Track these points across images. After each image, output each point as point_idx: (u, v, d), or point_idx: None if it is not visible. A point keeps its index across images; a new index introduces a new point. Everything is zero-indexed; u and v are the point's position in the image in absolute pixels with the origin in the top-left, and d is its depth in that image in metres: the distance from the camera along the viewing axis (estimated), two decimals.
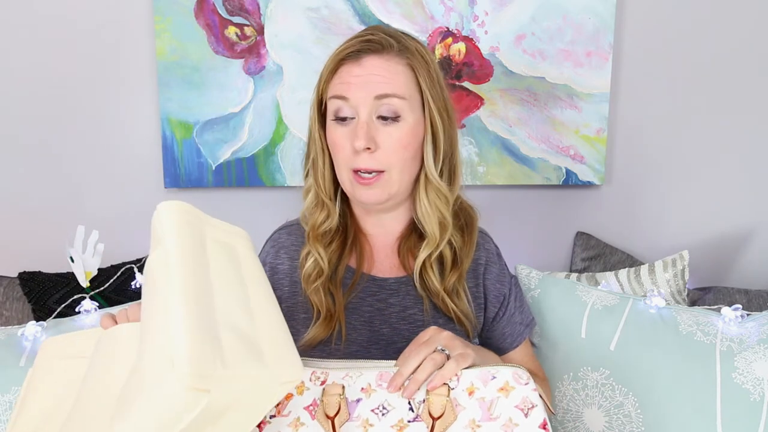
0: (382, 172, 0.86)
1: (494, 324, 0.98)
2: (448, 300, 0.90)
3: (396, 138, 0.85)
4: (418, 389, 0.72)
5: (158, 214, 0.69)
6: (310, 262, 0.92)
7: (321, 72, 0.90)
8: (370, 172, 0.86)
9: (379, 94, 0.84)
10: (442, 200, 0.90)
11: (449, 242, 0.92)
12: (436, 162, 0.89)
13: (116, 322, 0.78)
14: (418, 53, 0.88)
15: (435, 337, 0.75)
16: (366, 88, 0.84)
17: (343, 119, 0.86)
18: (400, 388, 0.72)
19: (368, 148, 0.84)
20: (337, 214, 0.94)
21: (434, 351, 0.73)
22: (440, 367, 0.72)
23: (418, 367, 0.72)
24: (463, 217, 0.96)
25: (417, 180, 0.91)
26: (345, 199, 0.97)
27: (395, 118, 0.85)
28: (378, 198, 0.88)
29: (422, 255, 0.90)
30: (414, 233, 0.95)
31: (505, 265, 1.01)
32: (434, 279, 0.90)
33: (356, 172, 0.87)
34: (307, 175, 0.95)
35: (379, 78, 0.84)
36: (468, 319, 0.92)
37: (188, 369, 0.54)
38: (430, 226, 0.90)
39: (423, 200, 0.90)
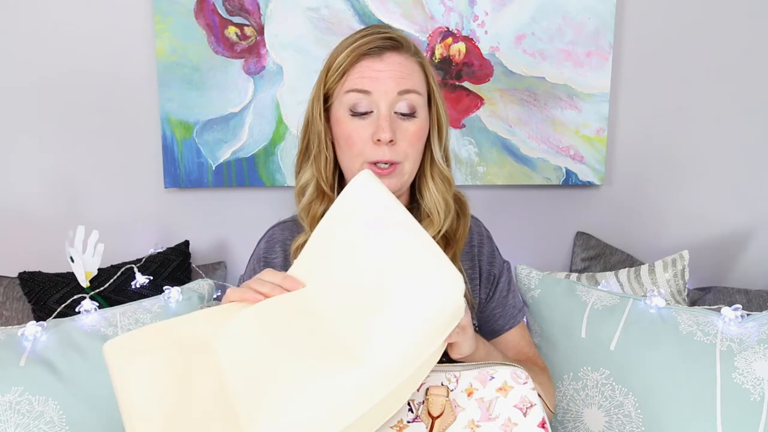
0: (397, 163, 0.90)
1: (487, 304, 1.01)
2: None
3: (412, 132, 0.91)
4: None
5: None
6: None
7: (330, 67, 0.92)
8: (386, 164, 0.90)
9: (402, 89, 0.89)
10: (446, 185, 0.97)
11: None
12: (441, 151, 0.96)
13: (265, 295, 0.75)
14: (423, 54, 0.95)
15: (464, 340, 0.79)
16: (390, 84, 0.88)
17: (361, 114, 0.90)
18: None
19: (391, 141, 0.88)
20: None
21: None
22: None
23: None
24: (457, 204, 1.00)
25: (421, 170, 0.97)
26: None
27: (412, 114, 0.90)
28: (392, 188, 0.91)
29: None
30: None
31: (496, 248, 1.05)
32: None
33: (373, 164, 0.90)
34: (299, 172, 0.98)
35: (401, 74, 0.89)
36: (465, 300, 0.93)
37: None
38: (437, 210, 0.95)
39: (431, 187, 0.96)
